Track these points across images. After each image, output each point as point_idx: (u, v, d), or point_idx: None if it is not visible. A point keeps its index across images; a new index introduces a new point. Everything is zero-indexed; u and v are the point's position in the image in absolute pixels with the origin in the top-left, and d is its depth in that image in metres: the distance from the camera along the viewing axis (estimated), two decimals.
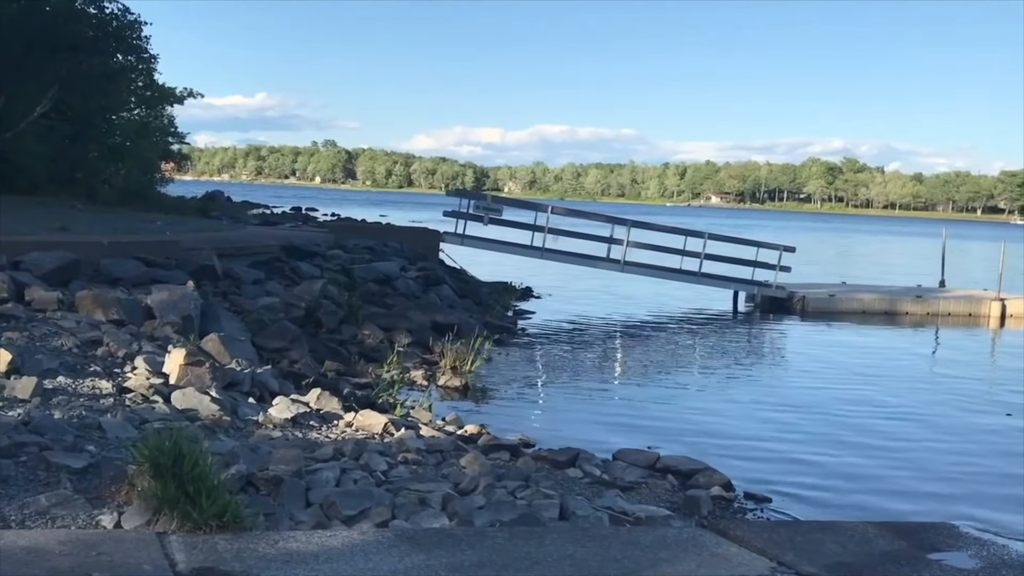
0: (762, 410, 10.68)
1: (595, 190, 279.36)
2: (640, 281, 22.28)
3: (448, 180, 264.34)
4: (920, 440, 9.56)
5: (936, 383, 13.11)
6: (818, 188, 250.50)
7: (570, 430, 9.10)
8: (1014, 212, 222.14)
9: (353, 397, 8.72)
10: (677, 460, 7.57)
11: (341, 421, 7.31)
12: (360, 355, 11.03)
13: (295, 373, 9.20)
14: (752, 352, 15.52)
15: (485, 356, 12.04)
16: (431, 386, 10.53)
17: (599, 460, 7.34)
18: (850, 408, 10.91)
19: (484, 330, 13.46)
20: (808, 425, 10.02)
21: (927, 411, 10.96)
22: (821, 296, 20.90)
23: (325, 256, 15.81)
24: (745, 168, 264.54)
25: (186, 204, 29.00)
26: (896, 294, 21.78)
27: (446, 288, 16.28)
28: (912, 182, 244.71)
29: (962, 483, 8.13)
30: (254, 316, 10.56)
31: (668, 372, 13.08)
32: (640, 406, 10.58)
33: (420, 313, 13.45)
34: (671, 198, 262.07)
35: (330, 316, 11.77)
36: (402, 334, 12.18)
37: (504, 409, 9.98)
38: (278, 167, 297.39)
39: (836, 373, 13.29)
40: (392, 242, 19.13)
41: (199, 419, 6.33)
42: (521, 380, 11.71)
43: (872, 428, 9.98)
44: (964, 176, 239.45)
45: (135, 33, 25.18)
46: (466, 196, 21.37)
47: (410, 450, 6.40)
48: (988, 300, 21.21)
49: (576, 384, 11.73)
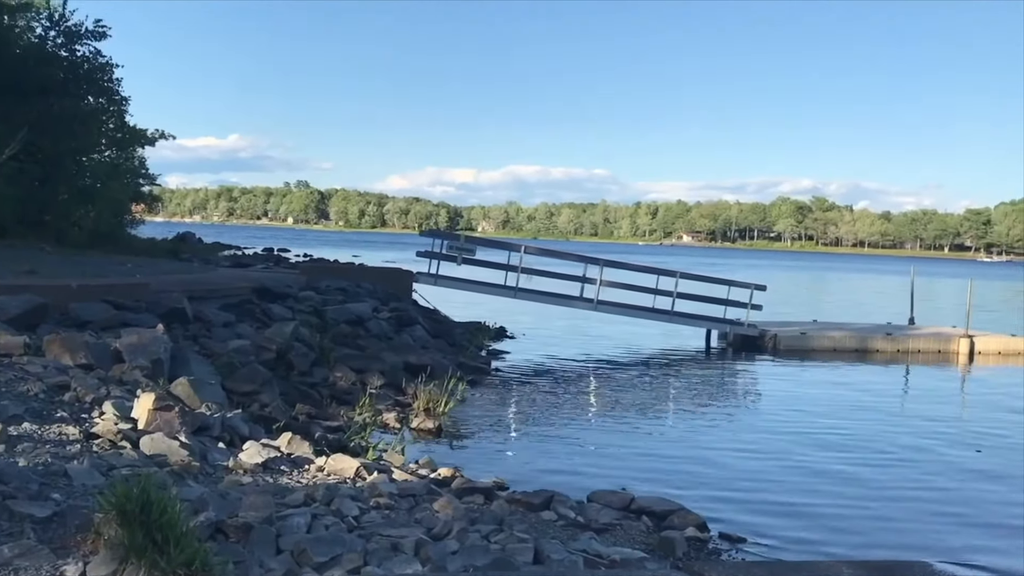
0: (735, 450, 10.69)
1: (568, 229, 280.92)
2: (613, 320, 22.36)
3: (421, 220, 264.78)
4: (893, 478, 9.60)
5: (908, 421, 13.20)
6: (788, 227, 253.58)
7: (545, 472, 9.07)
8: (980, 250, 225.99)
9: (325, 441, 8.64)
10: (651, 501, 7.56)
11: (312, 465, 7.22)
12: (332, 398, 10.95)
13: (266, 417, 9.11)
14: (725, 391, 15.57)
15: (459, 397, 12.00)
16: (404, 428, 10.45)
17: (573, 502, 7.30)
18: (823, 447, 10.96)
19: (458, 371, 13.42)
20: (782, 464, 10.04)
21: (899, 449, 11.01)
22: (793, 334, 21.06)
23: (297, 298, 15.72)
24: (716, 207, 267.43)
25: (157, 246, 28.85)
26: (866, 332, 21.99)
27: (419, 329, 16.23)
28: (880, 220, 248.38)
29: (936, 520, 8.17)
30: (224, 359, 10.46)
31: (642, 412, 13.07)
32: (614, 447, 10.55)
33: (393, 354, 13.39)
34: (643, 237, 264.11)
35: (301, 358, 11.68)
36: (374, 376, 12.11)
37: (478, 451, 9.92)
38: (250, 208, 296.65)
39: (809, 412, 13.35)
40: (365, 283, 19.07)
41: (168, 465, 6.23)
42: (495, 421, 11.66)
43: (845, 467, 10.02)
44: (931, 214, 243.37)
45: (106, 75, 25.18)
46: (439, 236, 21.39)
47: (382, 494, 6.33)
48: (957, 337, 21.47)
49: (551, 425, 11.68)
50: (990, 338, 22.03)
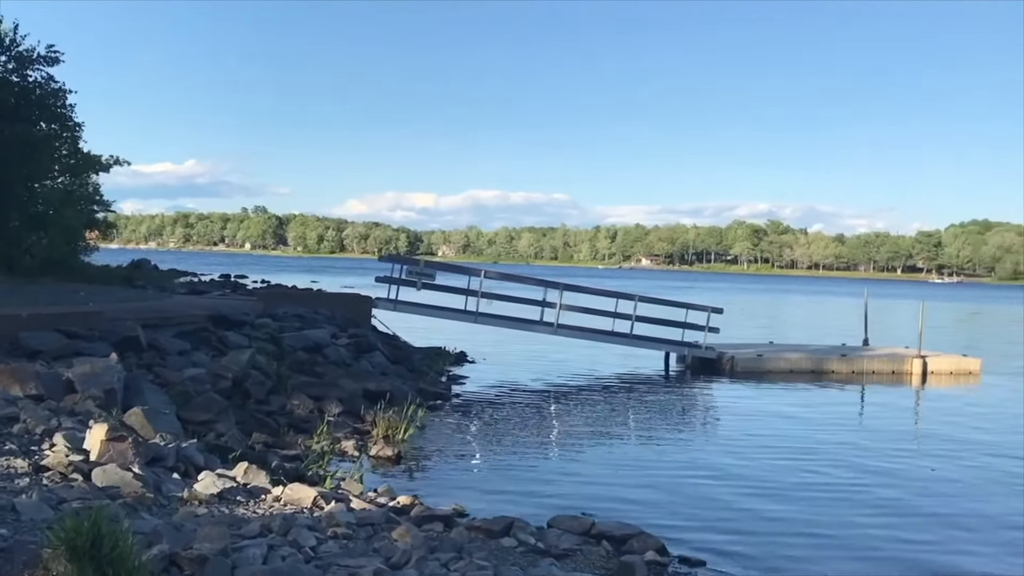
0: (695, 473, 10.75)
1: (528, 253, 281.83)
2: (573, 344, 22.44)
3: (381, 245, 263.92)
4: (851, 500, 9.71)
5: (864, 442, 13.36)
6: (744, 250, 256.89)
7: (505, 498, 9.05)
8: (931, 271, 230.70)
9: (282, 470, 8.54)
10: (611, 526, 7.56)
11: (269, 495, 7.14)
12: (289, 426, 10.83)
13: (222, 446, 8.98)
14: (684, 414, 15.67)
15: (418, 424, 11.95)
16: (362, 456, 10.37)
17: (533, 528, 7.29)
18: (781, 469, 11.06)
19: (417, 397, 13.38)
20: (741, 487, 10.11)
21: (856, 470, 11.15)
22: (749, 356, 21.29)
23: (253, 325, 15.57)
24: (673, 231, 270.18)
25: (111, 273, 28.44)
26: (822, 353, 22.30)
27: (378, 355, 16.14)
28: (834, 243, 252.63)
29: (890, 539, 8.28)
30: (179, 388, 10.32)
31: (602, 436, 13.11)
32: (575, 471, 10.56)
33: (351, 381, 13.30)
34: (603, 260, 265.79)
35: (258, 386, 11.56)
36: (332, 403, 12.02)
37: (438, 478, 9.87)
38: (207, 234, 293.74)
39: (766, 434, 13.47)
40: (323, 309, 18.95)
41: (121, 497, 6.13)
42: (455, 447, 11.61)
43: (802, 487, 10.12)
44: (884, 237, 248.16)
45: (59, 101, 24.87)
46: (398, 261, 21.34)
47: (340, 524, 6.27)
48: (910, 358, 21.85)
49: (511, 450, 11.66)
50: (942, 358, 22.45)
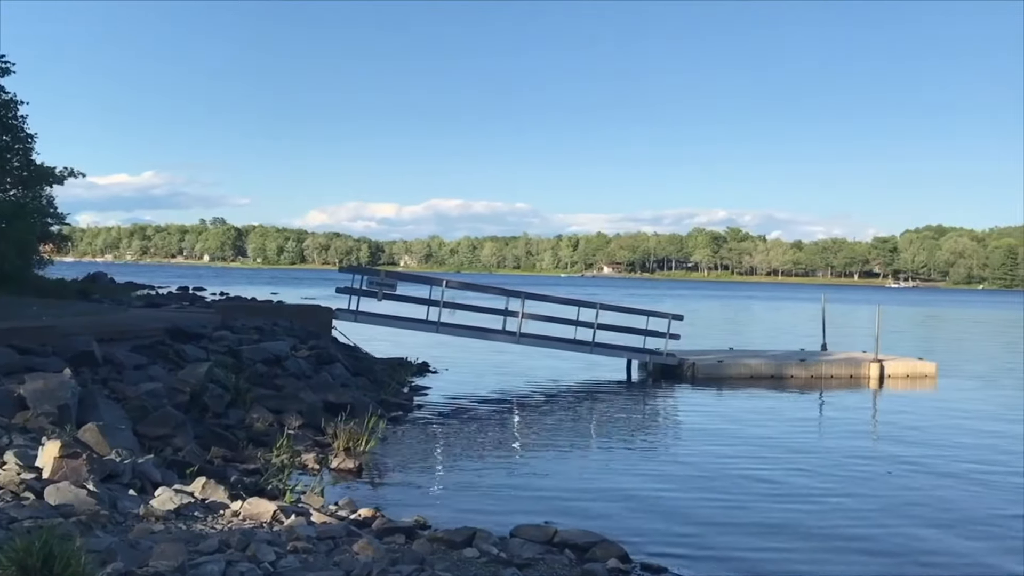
0: (657, 479, 10.80)
1: (491, 263, 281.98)
2: (536, 352, 22.46)
3: (342, 255, 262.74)
4: (809, 502, 9.81)
5: (822, 445, 13.53)
6: (704, 257, 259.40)
7: (468, 508, 9.02)
8: (888, 276, 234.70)
9: (241, 484, 8.43)
10: (574, 534, 7.57)
11: (228, 510, 7.05)
12: (248, 440, 10.70)
13: (179, 461, 8.85)
14: (646, 421, 15.74)
15: (380, 435, 11.88)
16: (323, 469, 10.27)
17: (496, 538, 7.27)
18: (742, 475, 11.14)
19: (379, 408, 13.31)
20: (702, 493, 10.18)
21: (815, 474, 11.27)
22: (710, 362, 21.46)
23: (211, 338, 15.38)
24: (634, 239, 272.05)
25: (66, 287, 27.95)
26: (781, 358, 22.54)
27: (339, 366, 16.02)
28: (792, 249, 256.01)
29: (849, 540, 8.37)
30: (136, 403, 10.16)
31: (565, 444, 13.12)
32: (538, 480, 10.56)
33: (311, 393, 13.18)
34: (565, 269, 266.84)
35: (216, 400, 11.41)
36: (293, 416, 11.90)
37: (400, 490, 9.81)
38: (164, 246, 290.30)
39: (727, 440, 13.58)
40: (282, 321, 18.78)
41: (75, 515, 6.01)
42: (417, 459, 11.55)
43: (763, 493, 10.21)
44: (840, 243, 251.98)
45: (11, 112, 24.47)
46: (359, 272, 21.19)
47: (300, 538, 6.21)
48: (867, 362, 22.16)
49: (474, 460, 11.63)
50: (899, 362, 22.81)
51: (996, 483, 10.99)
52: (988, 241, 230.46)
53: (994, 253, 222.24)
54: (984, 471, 11.67)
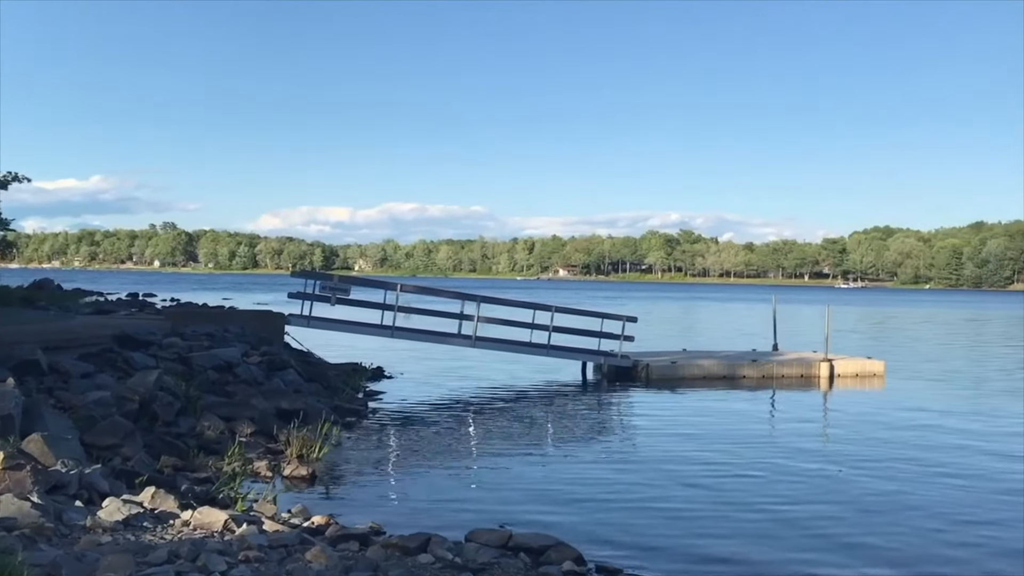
0: (612, 481, 10.85)
1: (447, 266, 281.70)
2: (492, 356, 22.46)
3: (295, 260, 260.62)
4: (762, 502, 9.92)
5: (774, 444, 13.71)
6: (658, 259, 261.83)
7: (423, 513, 8.99)
8: (837, 276, 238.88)
9: (192, 493, 8.31)
10: (529, 537, 7.57)
11: (178, 520, 6.93)
12: (199, 448, 10.53)
13: (128, 471, 8.68)
14: (601, 422, 15.82)
15: (334, 442, 11.78)
16: (276, 477, 10.16)
17: (451, 543, 7.25)
18: (697, 475, 11.24)
19: (332, 414, 13.20)
20: (657, 493, 10.25)
21: (767, 474, 11.41)
22: (664, 363, 21.63)
23: (161, 345, 15.13)
24: (589, 242, 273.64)
25: (10, 294, 27.33)
26: (733, 359, 22.80)
27: (291, 372, 15.85)
28: (744, 251, 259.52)
29: (803, 539, 8.49)
30: (83, 412, 9.94)
31: (521, 447, 13.13)
32: (494, 484, 10.55)
33: (264, 400, 13.01)
34: (521, 272, 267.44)
35: (166, 408, 11.22)
36: (244, 423, 11.74)
37: (354, 496, 9.74)
38: (114, 252, 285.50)
39: (680, 440, 13.69)
40: (234, 327, 18.52)
41: (18, 528, 5.86)
42: (372, 464, 11.47)
43: (717, 493, 10.31)
44: (791, 244, 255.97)
45: None
46: (311, 276, 20.99)
47: (252, 547, 6.13)
48: (818, 361, 22.51)
49: (429, 464, 11.58)
50: (848, 361, 23.20)
51: (943, 480, 11.22)
52: (934, 242, 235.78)
53: (940, 253, 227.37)
54: (932, 468, 11.91)
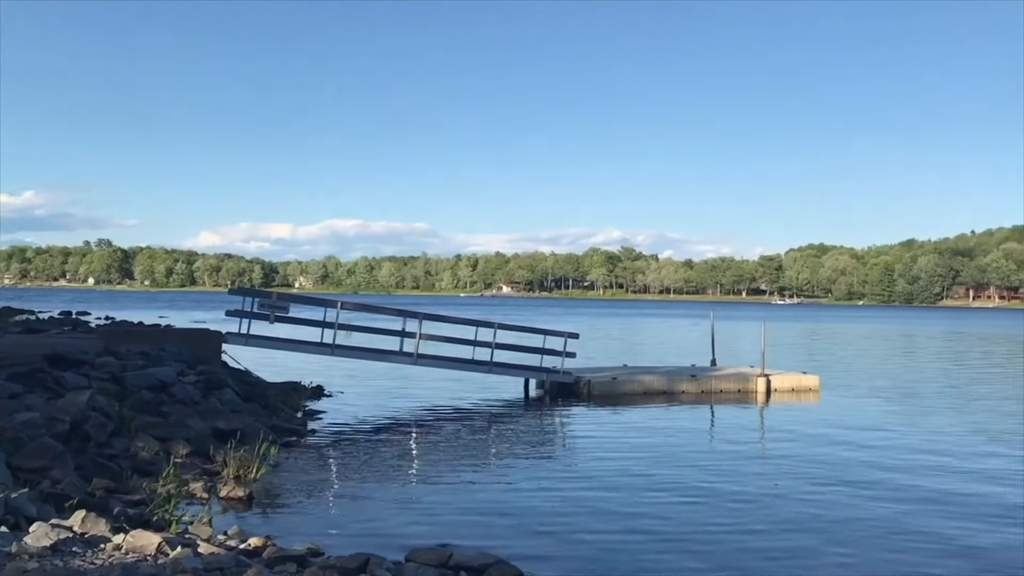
0: (553, 498, 10.87)
1: (389, 283, 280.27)
2: (434, 373, 22.37)
3: (234, 277, 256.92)
4: (703, 518, 10.02)
5: (712, 459, 13.87)
6: (600, 276, 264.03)
7: (363, 534, 8.91)
8: (774, 293, 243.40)
9: (124, 516, 8.10)
10: (470, 556, 7.55)
11: (109, 544, 6.76)
12: (133, 469, 10.28)
13: (57, 494, 8.44)
14: (543, 440, 15.85)
15: (272, 462, 11.61)
16: (212, 498, 9.97)
17: (390, 563, 7.19)
18: (639, 491, 11.33)
19: (271, 434, 13.02)
20: (598, 510, 10.29)
21: (708, 489, 11.54)
22: (605, 379, 21.78)
23: (93, 364, 14.75)
24: (533, 259, 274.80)
25: None
26: (673, 374, 23.05)
27: (229, 392, 15.58)
28: (684, 268, 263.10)
29: (742, 552, 8.60)
30: (10, 434, 9.65)
31: (462, 465, 13.08)
32: (435, 502, 10.49)
33: (200, 420, 12.77)
34: (464, 288, 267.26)
35: (99, 429, 10.94)
36: (180, 444, 11.51)
37: (293, 517, 9.60)
38: (46, 269, 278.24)
39: (622, 457, 13.77)
40: (169, 346, 18.16)
41: None
42: (311, 484, 11.32)
43: (657, 509, 10.38)
44: (729, 261, 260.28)
45: None
46: (249, 294, 20.65)
47: (186, 570, 6.01)
48: (755, 376, 22.89)
49: (369, 484, 11.47)
50: (784, 376, 23.63)
51: (878, 492, 11.47)
52: (867, 259, 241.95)
53: (872, 270, 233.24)
54: (867, 480, 12.19)
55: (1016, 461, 13.84)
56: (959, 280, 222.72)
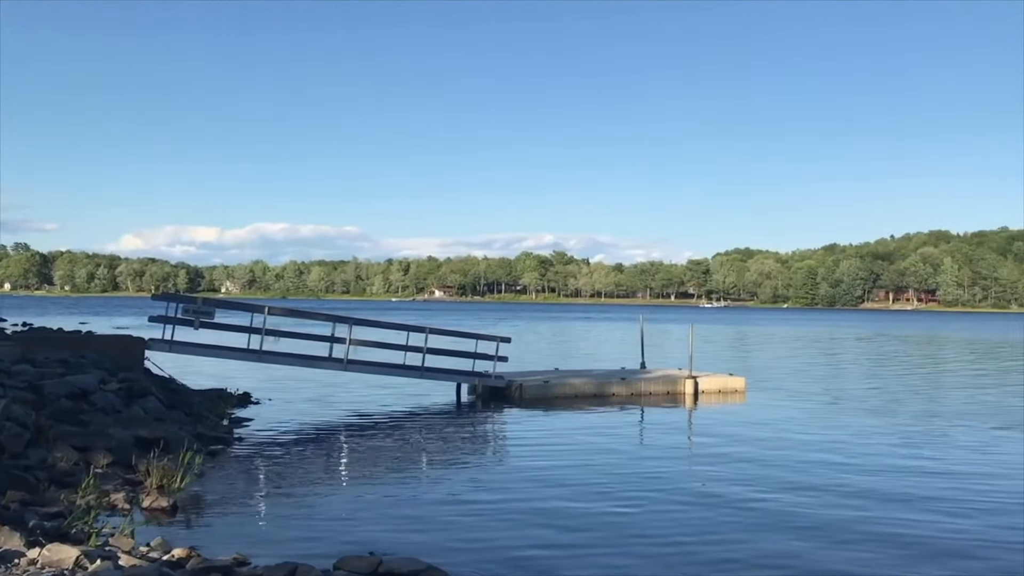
0: (484, 502, 10.86)
1: (319, 288, 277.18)
2: (365, 380, 22.17)
3: (158, 282, 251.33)
4: (629, 519, 10.11)
5: (641, 461, 14.02)
6: (532, 280, 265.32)
7: (291, 542, 8.76)
8: (702, 296, 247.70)
9: (41, 530, 7.83)
10: (399, 563, 7.49)
11: (24, 559, 6.53)
12: (50, 481, 9.95)
13: None
14: (474, 444, 15.82)
15: (197, 471, 11.35)
16: (134, 509, 9.69)
17: (319, 572, 7.09)
18: (567, 494, 11.38)
19: (196, 442, 12.74)
20: (529, 513, 10.31)
21: (635, 489, 11.65)
22: (536, 383, 21.86)
23: (9, 372, 14.24)
24: (465, 263, 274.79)
25: None
26: (603, 377, 23.26)
27: (152, 400, 15.20)
28: (614, 272, 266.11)
29: (670, 553, 8.70)
30: None
31: (393, 471, 12.97)
32: (365, 510, 10.37)
33: (122, 429, 12.43)
34: (396, 293, 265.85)
35: (14, 439, 10.56)
36: (100, 453, 11.18)
37: (218, 527, 9.39)
38: None
39: (553, 460, 13.82)
40: (90, 353, 17.64)
41: None
42: (238, 493, 11.10)
43: (588, 511, 10.44)
44: (658, 265, 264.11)
45: None
46: (173, 299, 20.16)
47: None
48: (683, 378, 23.23)
49: (298, 492, 11.29)
50: (711, 378, 24.04)
51: (799, 490, 11.74)
52: (791, 263, 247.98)
53: (796, 274, 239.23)
54: (788, 479, 12.46)
55: (934, 458, 14.31)
56: (879, 283, 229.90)
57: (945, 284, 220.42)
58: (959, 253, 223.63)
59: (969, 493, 11.65)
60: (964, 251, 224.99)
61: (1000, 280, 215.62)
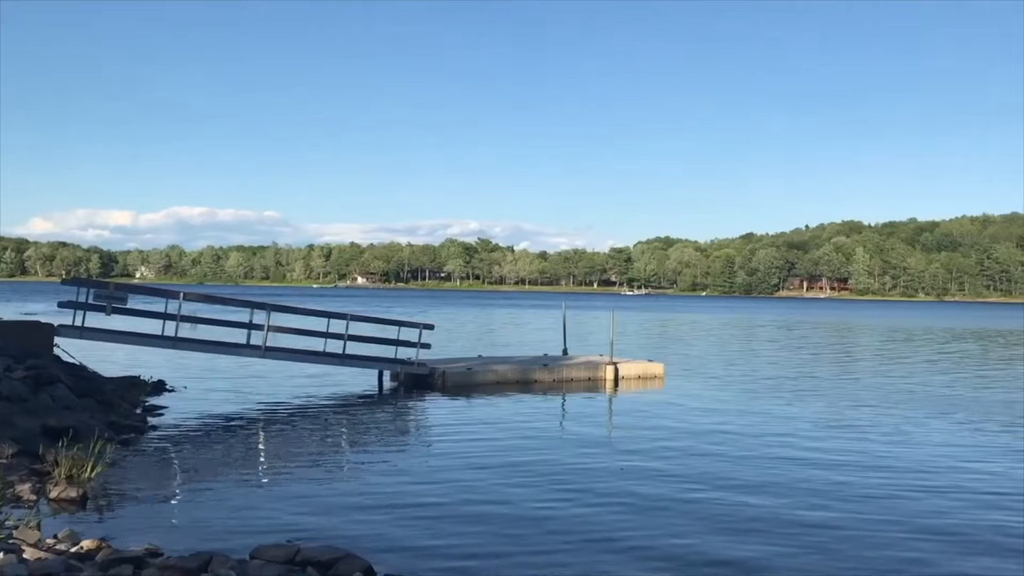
0: (404, 491, 10.83)
1: (238, 273, 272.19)
2: (284, 367, 21.86)
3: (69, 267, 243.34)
4: (550, 505, 10.20)
5: (562, 446, 14.15)
6: (457, 267, 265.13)
7: (206, 532, 8.60)
8: (623, 284, 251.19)
9: None
10: (317, 551, 7.42)
11: None
12: None
13: None
14: (395, 432, 15.75)
15: (108, 460, 11.02)
16: (41, 500, 9.39)
17: (234, 562, 6.99)
18: (486, 481, 11.42)
19: (107, 431, 12.42)
20: (449, 500, 10.33)
21: (556, 475, 11.77)
22: (459, 370, 21.86)
23: None
24: (389, 249, 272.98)
25: None
26: (526, 364, 23.40)
27: (62, 388, 14.71)
28: (538, 259, 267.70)
29: (589, 540, 8.80)
30: None
31: (313, 459, 12.83)
32: (283, 498, 10.24)
33: (29, 418, 12.02)
34: (318, 279, 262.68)
35: None
36: (5, 444, 10.78)
37: (131, 518, 9.16)
38: None
39: (474, 448, 13.85)
40: None
41: None
42: (151, 483, 10.84)
43: (507, 499, 10.49)
44: (581, 253, 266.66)
45: None
46: (84, 284, 19.49)
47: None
48: (604, 365, 23.53)
49: (214, 481, 11.08)
50: (631, 364, 24.41)
51: (713, 475, 12.02)
52: (710, 252, 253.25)
53: (715, 263, 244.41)
54: (706, 460, 12.76)
55: (849, 443, 14.77)
56: (794, 272, 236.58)
57: (857, 273, 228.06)
58: (870, 243, 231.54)
59: (879, 480, 12.07)
60: (875, 241, 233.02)
61: (908, 270, 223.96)
